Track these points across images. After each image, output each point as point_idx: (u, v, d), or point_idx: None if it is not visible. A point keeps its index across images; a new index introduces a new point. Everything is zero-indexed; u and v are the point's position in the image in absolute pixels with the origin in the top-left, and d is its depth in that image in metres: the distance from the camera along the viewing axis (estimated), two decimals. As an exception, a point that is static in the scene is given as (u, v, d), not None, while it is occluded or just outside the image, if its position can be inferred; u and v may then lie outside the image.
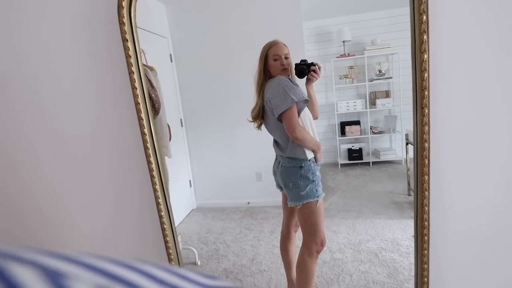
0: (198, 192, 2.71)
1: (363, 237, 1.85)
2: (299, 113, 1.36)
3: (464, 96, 0.99)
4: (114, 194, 1.18)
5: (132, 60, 1.00)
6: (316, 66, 1.42)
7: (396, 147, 3.12)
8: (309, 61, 1.47)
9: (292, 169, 1.42)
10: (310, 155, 1.41)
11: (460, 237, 1.10)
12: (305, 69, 1.42)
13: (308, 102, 1.39)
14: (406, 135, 2.24)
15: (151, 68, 1.62)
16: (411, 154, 2.30)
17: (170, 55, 2.47)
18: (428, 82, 0.95)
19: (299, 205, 1.41)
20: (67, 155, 1.17)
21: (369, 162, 3.18)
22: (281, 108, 1.33)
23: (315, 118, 1.53)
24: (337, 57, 3.23)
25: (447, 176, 1.06)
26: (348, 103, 3.29)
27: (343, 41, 3.21)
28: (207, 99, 2.57)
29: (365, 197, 2.36)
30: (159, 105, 1.53)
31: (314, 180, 1.40)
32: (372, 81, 3.14)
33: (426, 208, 1.02)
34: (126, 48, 0.99)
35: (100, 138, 1.14)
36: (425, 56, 0.95)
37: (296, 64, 1.43)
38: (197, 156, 2.69)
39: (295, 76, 1.47)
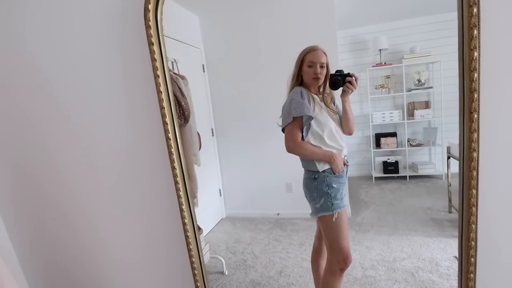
0: (227, 202, 2.72)
1: (398, 255, 1.74)
2: (303, 128, 1.33)
3: None
4: (140, 199, 1.21)
5: (158, 64, 1.02)
6: (353, 77, 1.33)
7: (436, 161, 2.93)
8: (345, 71, 1.39)
9: (308, 181, 1.41)
10: (323, 167, 1.35)
11: (510, 259, 0.99)
12: (339, 81, 1.34)
13: (312, 118, 1.33)
14: (448, 148, 2.10)
15: (182, 77, 1.67)
16: (453, 168, 2.15)
17: (203, 65, 2.54)
18: (478, 84, 0.85)
19: (316, 218, 1.39)
20: (94, 165, 1.22)
21: (406, 176, 3.01)
22: (284, 122, 1.37)
23: (348, 134, 1.45)
24: (373, 66, 3.12)
25: (497, 190, 0.95)
26: (384, 114, 3.16)
27: (380, 50, 3.10)
28: (238, 109, 2.60)
29: (401, 213, 2.23)
30: (188, 113, 1.57)
31: (329, 193, 1.34)
32: (410, 91, 3.00)
33: (473, 226, 0.92)
34: (151, 52, 1.01)
35: (126, 143, 1.18)
36: (475, 54, 0.84)
37: (331, 75, 1.36)
38: (228, 166, 2.71)
39: (329, 87, 1.41)
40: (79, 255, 1.34)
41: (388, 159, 3.13)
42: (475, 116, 0.86)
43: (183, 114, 1.61)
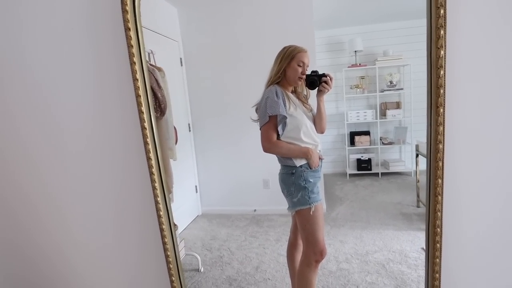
0: (204, 198, 2.69)
1: (371, 248, 1.80)
2: (279, 126, 1.35)
3: (482, 96, 0.95)
4: (113, 190, 1.16)
5: (134, 51, 0.96)
6: (328, 77, 1.39)
7: (405, 159, 3.07)
8: (320, 72, 1.44)
9: (285, 176, 1.43)
10: (300, 162, 1.39)
11: (473, 245, 1.05)
12: (316, 80, 1.39)
13: (286, 118, 1.36)
14: (417, 146, 2.20)
15: (159, 69, 1.63)
16: (421, 165, 2.26)
17: (181, 59, 2.49)
18: (444, 80, 0.91)
19: (293, 212, 1.41)
20: (64, 149, 1.15)
21: (378, 173, 3.13)
22: (261, 122, 1.40)
23: (320, 132, 1.50)
24: (349, 67, 3.21)
25: (461, 180, 1.01)
26: (358, 113, 3.26)
27: (355, 51, 3.19)
28: (216, 105, 2.57)
29: (373, 208, 2.31)
30: (165, 106, 1.53)
31: (306, 187, 1.37)
32: (383, 91, 3.11)
33: (439, 213, 0.97)
34: (128, 38, 0.96)
35: (99, 132, 1.11)
36: (442, 52, 0.90)
37: (307, 75, 1.41)
38: (204, 162, 2.68)
39: (306, 87, 1.46)
40: (44, 245, 1.26)
41: (362, 156, 3.23)
42: (441, 110, 0.92)
43: (159, 106, 1.57)
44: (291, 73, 1.39)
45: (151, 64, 1.66)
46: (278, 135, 1.39)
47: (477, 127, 0.98)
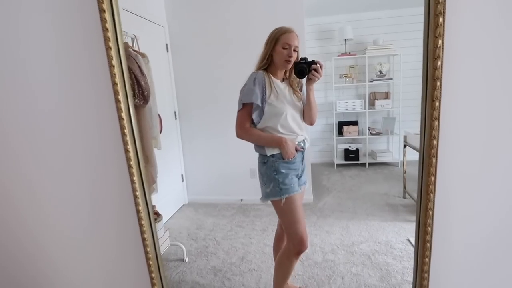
0: (190, 187, 2.66)
1: (357, 239, 1.81)
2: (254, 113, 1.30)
3: (482, 90, 0.91)
4: (89, 184, 1.09)
5: (110, 35, 0.89)
6: (318, 65, 1.29)
7: (393, 149, 3.08)
8: (310, 59, 1.34)
9: (260, 165, 1.38)
10: (271, 151, 1.32)
11: (463, 244, 1.04)
12: (305, 68, 1.26)
13: (259, 107, 1.30)
14: (405, 137, 2.20)
15: (143, 55, 1.55)
16: (408, 156, 2.27)
17: (166, 44, 2.40)
18: (441, 72, 0.86)
19: (265, 202, 1.37)
20: (38, 140, 1.07)
21: (365, 163, 3.14)
22: (238, 107, 1.34)
23: (309, 123, 1.40)
24: (338, 56, 3.17)
25: (455, 178, 0.98)
26: (347, 102, 3.24)
27: (345, 40, 3.15)
28: (203, 92, 2.51)
29: (360, 198, 2.32)
30: (148, 94, 1.46)
31: (277, 178, 1.31)
32: (372, 81, 3.09)
33: (431, 212, 0.94)
34: (103, 20, 0.87)
35: (74, 122, 1.02)
36: (439, 41, 0.83)
37: (295, 63, 1.29)
38: (191, 150, 2.63)
39: (294, 75, 1.36)
40: (21, 236, 1.20)
41: (350, 146, 3.23)
42: (437, 104, 0.85)
43: (142, 94, 1.50)
44: (277, 57, 1.30)
45: (134, 50, 1.58)
46: (254, 122, 1.33)
47: (475, 124, 0.92)
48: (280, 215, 1.36)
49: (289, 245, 1.35)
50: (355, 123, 3.28)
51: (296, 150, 1.32)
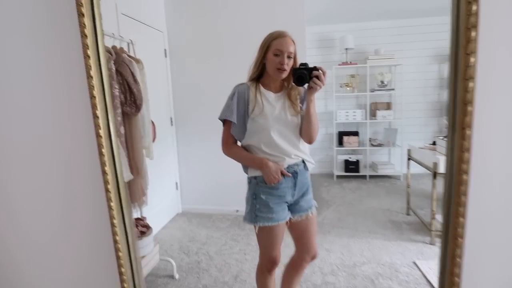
0: (184, 196, 2.56)
1: (358, 259, 1.70)
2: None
3: None
4: (64, 208, 0.94)
5: (89, 41, 0.77)
6: (320, 71, 1.09)
7: (395, 162, 3.00)
8: (311, 66, 1.16)
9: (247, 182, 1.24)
10: (253, 172, 1.17)
11: None
12: (305, 75, 1.09)
13: (236, 124, 1.17)
14: (409, 150, 2.11)
15: (138, 61, 1.46)
16: (412, 170, 2.18)
17: (165, 50, 2.32)
18: (474, 95, 0.71)
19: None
20: (11, 156, 0.94)
21: (366, 175, 3.05)
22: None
23: (307, 141, 1.20)
24: (339, 65, 3.11)
25: (487, 221, 0.80)
26: (347, 112, 3.17)
27: (346, 49, 3.09)
28: (201, 98, 2.43)
29: (361, 214, 2.22)
30: (141, 102, 1.37)
31: (254, 203, 1.17)
32: (373, 91, 3.02)
33: (459, 260, 0.79)
34: (81, 25, 0.76)
35: (49, 137, 0.89)
36: (472, 59, 0.70)
37: (294, 69, 1.12)
38: (186, 158, 2.54)
39: (293, 83, 1.18)
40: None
41: (350, 157, 3.15)
42: (468, 132, 0.72)
43: (134, 102, 1.41)
44: (269, 65, 1.14)
45: (129, 56, 1.50)
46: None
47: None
48: (257, 237, 1.23)
49: (260, 259, 1.25)
50: (355, 133, 3.20)
51: (283, 174, 1.15)
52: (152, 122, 1.65)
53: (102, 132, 0.80)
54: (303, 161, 1.20)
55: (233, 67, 2.04)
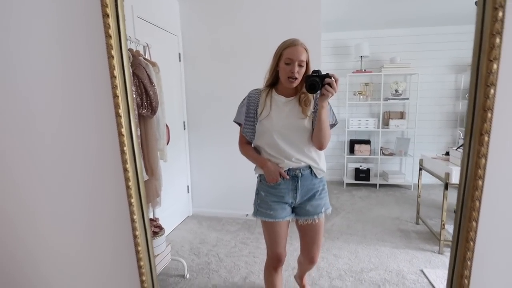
0: (195, 199, 2.60)
1: (366, 265, 1.71)
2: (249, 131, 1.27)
3: None
4: (86, 204, 1.01)
5: (113, 42, 0.82)
6: (332, 78, 1.10)
7: (406, 171, 2.98)
8: (324, 73, 1.19)
9: None
10: (258, 170, 1.26)
11: None
12: (317, 82, 1.10)
13: (246, 125, 1.26)
14: (421, 160, 2.11)
15: (153, 64, 1.52)
16: (423, 180, 2.18)
17: (179, 54, 2.38)
18: (494, 102, 0.74)
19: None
20: (35, 152, 1.00)
21: (376, 184, 3.05)
22: None
23: (317, 147, 1.22)
24: (353, 72, 3.13)
25: (498, 227, 0.83)
26: (360, 120, 3.18)
27: (361, 56, 3.10)
28: (214, 103, 2.47)
29: (370, 221, 2.22)
30: (156, 104, 1.43)
31: (257, 199, 1.28)
32: (387, 100, 3.02)
33: (469, 262, 0.82)
34: (106, 26, 0.79)
35: (73, 136, 0.95)
36: (495, 66, 0.73)
37: (306, 77, 1.13)
38: (198, 162, 2.58)
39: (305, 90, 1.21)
40: (13, 249, 1.15)
41: (361, 166, 3.15)
42: (486, 138, 0.74)
43: (150, 104, 1.47)
44: (281, 74, 1.17)
45: (145, 59, 1.56)
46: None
47: None
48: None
49: (267, 257, 1.31)
50: (367, 142, 3.20)
51: (282, 176, 1.21)
52: (167, 126, 1.71)
53: (124, 130, 0.85)
54: (310, 167, 1.22)
55: (247, 72, 2.09)
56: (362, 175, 3.07)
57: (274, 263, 1.30)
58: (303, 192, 1.24)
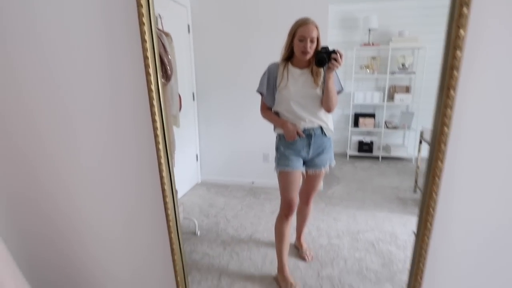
0: (204, 167, 2.73)
1: (363, 227, 1.85)
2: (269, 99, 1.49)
3: (501, 86, 0.91)
4: (117, 150, 1.20)
5: (144, 11, 0.93)
6: (338, 54, 1.33)
7: (408, 144, 3.05)
8: (331, 48, 1.39)
9: None
10: (278, 131, 1.53)
11: (461, 245, 1.07)
12: (325, 58, 1.32)
13: (268, 94, 1.50)
14: (421, 132, 2.18)
15: (167, 34, 1.59)
16: (423, 153, 2.26)
17: (188, 25, 2.43)
18: (461, 62, 0.86)
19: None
20: (70, 102, 1.17)
21: (379, 156, 3.13)
22: None
23: (326, 110, 1.48)
24: (361, 46, 3.12)
25: (461, 167, 1.00)
26: (365, 94, 3.21)
27: (369, 29, 3.08)
28: (222, 74, 2.54)
29: (370, 190, 2.34)
30: (171, 72, 1.52)
31: (277, 154, 1.55)
32: (393, 74, 3.04)
33: (435, 195, 0.97)
34: None
35: (107, 90, 1.12)
36: (462, 32, 0.85)
37: (316, 52, 1.36)
38: (206, 131, 2.69)
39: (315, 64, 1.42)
40: (59, 223, 1.34)
41: (364, 138, 3.22)
42: (452, 92, 0.88)
43: (165, 72, 1.55)
44: (296, 49, 1.39)
45: (158, 29, 1.63)
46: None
47: (490, 118, 0.95)
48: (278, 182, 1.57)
49: (280, 207, 1.57)
50: (371, 115, 3.25)
51: (298, 135, 1.46)
52: (179, 95, 1.81)
53: (153, 87, 1.02)
54: (321, 127, 1.50)
55: (255, 45, 2.14)
56: (365, 147, 3.15)
57: (286, 210, 1.54)
58: (315, 147, 1.52)
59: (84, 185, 1.28)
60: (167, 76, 1.51)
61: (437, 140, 0.95)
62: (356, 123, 3.31)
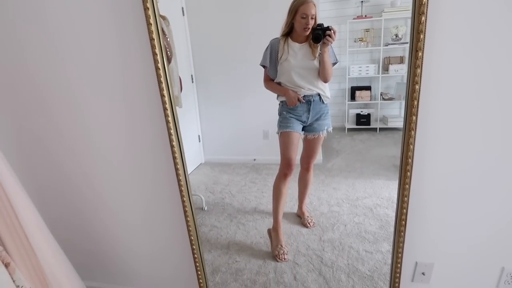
0: (206, 147, 2.81)
1: (361, 194, 1.95)
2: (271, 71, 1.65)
3: (465, 46, 1.01)
4: (127, 119, 1.32)
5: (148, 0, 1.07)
6: (332, 31, 1.53)
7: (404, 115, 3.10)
8: (325, 25, 1.53)
9: None
10: (281, 98, 1.74)
11: (440, 185, 1.21)
12: (320, 35, 1.51)
13: (266, 67, 1.68)
14: (415, 100, 2.24)
15: (163, 17, 1.63)
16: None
17: (182, 8, 2.45)
18: (425, 26, 0.98)
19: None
20: (79, 102, 1.29)
21: (376, 128, 3.20)
22: None
23: (323, 80, 1.71)
24: (354, 19, 3.12)
25: (433, 119, 1.17)
26: (360, 67, 3.24)
27: (361, 1, 3.08)
28: (219, 56, 2.57)
29: (368, 160, 2.43)
30: (171, 54, 1.58)
31: (279, 118, 1.77)
32: (387, 45, 3.06)
33: (411, 146, 1.21)
34: None
35: (117, 77, 1.24)
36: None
37: (312, 29, 1.55)
38: (207, 112, 2.75)
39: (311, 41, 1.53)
40: (81, 207, 1.47)
41: (361, 111, 3.29)
42: (420, 54, 1.00)
43: (165, 54, 1.61)
44: (297, 26, 1.58)
45: (154, 12, 1.67)
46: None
47: (455, 75, 1.06)
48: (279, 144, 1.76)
49: (280, 167, 1.77)
50: (368, 88, 3.29)
51: (299, 100, 1.65)
52: (179, 77, 1.87)
53: (160, 65, 1.14)
54: (319, 95, 1.74)
55: (250, 24, 2.16)
56: (362, 120, 3.21)
57: (285, 169, 1.72)
58: (313, 113, 1.79)
59: (104, 171, 1.39)
60: (167, 58, 1.57)
61: (410, 97, 1.05)
62: (352, 97, 3.36)
